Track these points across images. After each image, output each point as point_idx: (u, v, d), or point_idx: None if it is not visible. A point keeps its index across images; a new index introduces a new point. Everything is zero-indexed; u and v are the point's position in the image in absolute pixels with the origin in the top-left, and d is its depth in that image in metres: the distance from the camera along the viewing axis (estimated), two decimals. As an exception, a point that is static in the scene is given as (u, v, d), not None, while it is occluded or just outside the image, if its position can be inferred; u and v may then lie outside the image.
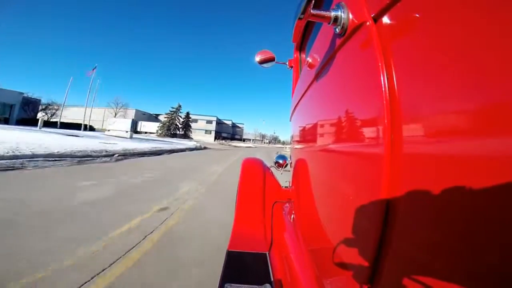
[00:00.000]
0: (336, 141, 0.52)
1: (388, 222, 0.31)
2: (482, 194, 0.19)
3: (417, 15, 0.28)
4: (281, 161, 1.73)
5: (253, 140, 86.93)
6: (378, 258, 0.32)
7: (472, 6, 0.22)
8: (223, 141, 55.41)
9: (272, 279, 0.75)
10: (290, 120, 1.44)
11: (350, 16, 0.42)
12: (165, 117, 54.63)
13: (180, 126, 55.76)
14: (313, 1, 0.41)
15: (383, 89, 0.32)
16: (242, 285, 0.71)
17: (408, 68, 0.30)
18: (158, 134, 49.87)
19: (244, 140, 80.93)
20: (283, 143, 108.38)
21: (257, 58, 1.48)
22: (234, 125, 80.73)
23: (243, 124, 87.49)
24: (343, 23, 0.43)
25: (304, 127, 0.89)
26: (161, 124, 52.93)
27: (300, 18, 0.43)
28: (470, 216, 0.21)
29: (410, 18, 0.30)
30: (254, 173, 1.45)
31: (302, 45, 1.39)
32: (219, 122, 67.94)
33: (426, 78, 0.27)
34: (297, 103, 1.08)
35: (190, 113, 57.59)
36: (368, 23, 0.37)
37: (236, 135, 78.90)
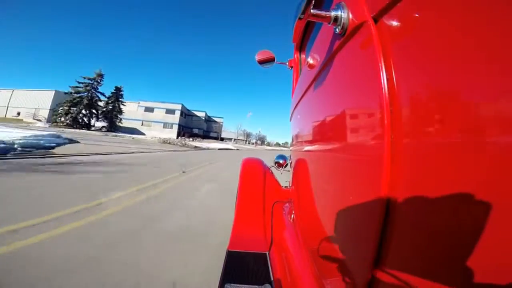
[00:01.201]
0: (336, 141, 0.52)
1: (388, 222, 0.31)
2: (483, 193, 0.20)
3: (417, 15, 0.28)
4: (281, 161, 1.73)
5: (235, 139, 66.75)
6: (378, 258, 0.32)
7: (472, 7, 0.22)
8: (189, 139, 36.97)
9: (272, 279, 0.75)
10: (290, 120, 1.44)
11: (350, 16, 0.42)
12: (71, 93, 30.10)
13: (100, 111, 32.35)
14: (313, 1, 0.41)
15: (383, 89, 0.32)
16: (242, 285, 0.71)
17: (408, 68, 0.30)
18: (52, 123, 28.57)
19: (223, 139, 60.90)
20: (268, 144, 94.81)
21: (257, 58, 1.49)
22: (209, 119, 60.47)
23: (222, 118, 64.33)
24: (343, 23, 0.43)
25: (304, 127, 0.89)
26: (61, 107, 29.74)
27: (300, 18, 0.43)
28: (470, 216, 0.21)
29: (410, 18, 0.30)
30: (254, 173, 1.46)
31: (302, 45, 1.39)
32: (186, 114, 49.95)
33: (426, 79, 0.27)
34: (297, 103, 1.08)
35: (122, 88, 34.62)
36: (368, 23, 0.37)
37: (212, 131, 59.48)
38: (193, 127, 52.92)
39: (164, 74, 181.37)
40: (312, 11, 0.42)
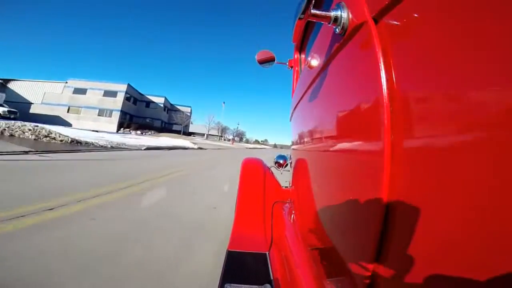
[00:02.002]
0: (336, 141, 0.52)
1: (388, 222, 0.31)
2: (483, 193, 0.20)
3: (418, 16, 0.28)
4: (281, 161, 1.73)
5: (207, 135, 54.18)
6: (378, 258, 0.32)
7: (472, 7, 0.22)
8: (137, 132, 29.20)
9: (272, 279, 0.75)
10: (290, 120, 1.45)
11: (350, 16, 0.42)
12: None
13: None
14: (313, 1, 0.41)
15: (383, 90, 0.32)
16: (242, 285, 0.71)
17: (408, 68, 0.30)
18: None
19: (190, 133, 49.01)
20: (247, 141, 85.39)
21: (257, 58, 1.49)
22: (171, 108, 46.40)
23: (189, 107, 49.89)
24: (343, 23, 0.43)
25: (304, 127, 0.89)
26: None
27: (300, 18, 0.43)
28: (470, 215, 0.21)
29: (410, 19, 0.30)
30: (254, 173, 1.46)
31: (302, 45, 1.39)
32: (137, 98, 37.33)
33: (426, 79, 0.27)
34: (297, 103, 1.08)
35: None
36: (368, 23, 0.37)
37: (175, 123, 44.78)
38: (147, 117, 39.45)
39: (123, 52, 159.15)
40: (312, 11, 0.42)
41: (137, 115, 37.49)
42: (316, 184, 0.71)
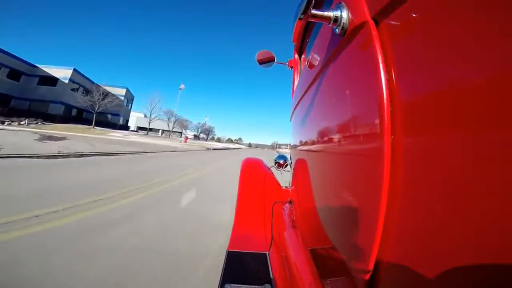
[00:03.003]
0: (336, 141, 0.52)
1: (388, 222, 0.31)
2: (483, 193, 0.20)
3: (418, 16, 0.29)
4: (281, 161, 1.73)
5: (163, 131, 42.69)
6: (377, 258, 0.32)
7: (472, 7, 0.22)
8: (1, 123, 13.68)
9: (272, 279, 0.75)
10: (290, 121, 1.45)
11: (350, 16, 0.42)
12: None
13: None
14: (313, 1, 0.41)
15: (383, 90, 0.32)
16: (242, 285, 0.71)
17: (409, 69, 0.30)
18: None
19: (127, 127, 37.50)
20: (219, 139, 77.31)
21: (257, 59, 1.50)
22: (91, 88, 28.00)
23: (124, 88, 35.28)
24: (343, 23, 0.43)
25: (304, 128, 0.89)
26: None
27: (300, 19, 0.43)
28: (470, 215, 0.21)
29: (410, 19, 0.30)
30: (254, 173, 1.46)
31: (302, 46, 1.39)
32: (21, 71, 23.72)
33: (426, 79, 0.27)
34: (297, 104, 1.08)
35: None
36: (368, 24, 0.37)
37: (102, 112, 28.24)
38: (41, 99, 25.04)
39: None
40: (312, 11, 0.42)
41: (20, 97, 23.88)
42: (316, 184, 0.71)
